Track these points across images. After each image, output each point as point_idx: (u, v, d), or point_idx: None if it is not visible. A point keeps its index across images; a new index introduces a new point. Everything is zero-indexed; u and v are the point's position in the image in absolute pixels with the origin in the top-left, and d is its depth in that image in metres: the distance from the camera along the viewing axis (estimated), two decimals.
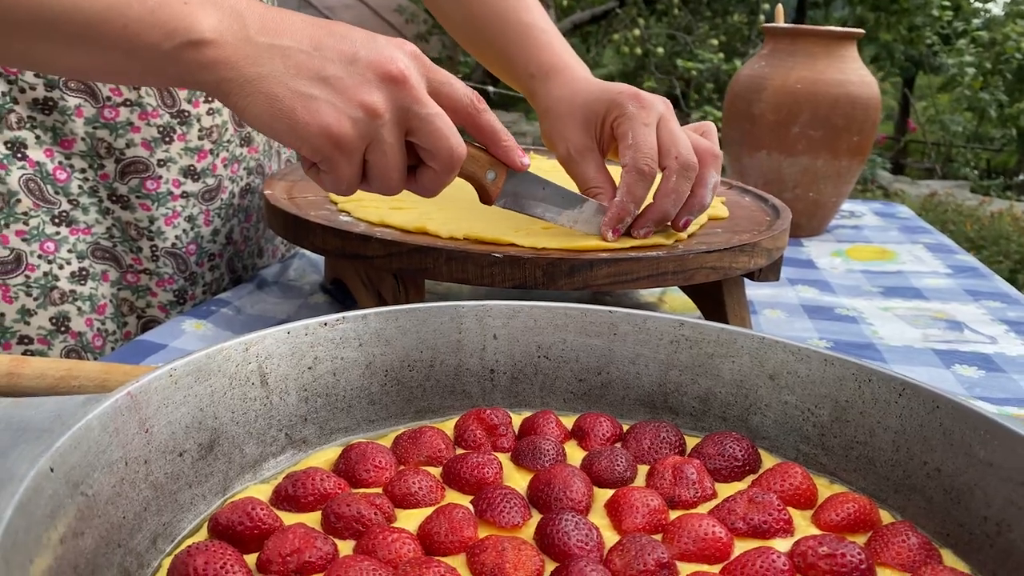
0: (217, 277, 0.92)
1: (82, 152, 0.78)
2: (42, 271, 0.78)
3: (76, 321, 0.80)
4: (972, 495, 0.44)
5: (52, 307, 0.79)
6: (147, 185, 0.82)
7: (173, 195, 0.84)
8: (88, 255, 0.81)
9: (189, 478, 0.44)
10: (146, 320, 0.86)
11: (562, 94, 0.77)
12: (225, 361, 0.47)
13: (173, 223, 0.84)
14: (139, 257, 0.84)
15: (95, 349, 0.82)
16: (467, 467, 0.48)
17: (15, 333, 0.78)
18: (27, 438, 0.37)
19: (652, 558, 0.41)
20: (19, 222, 0.76)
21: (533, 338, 0.57)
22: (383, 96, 0.55)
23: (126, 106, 0.79)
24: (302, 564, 0.40)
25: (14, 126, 0.76)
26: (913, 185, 5.42)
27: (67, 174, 0.79)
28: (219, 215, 0.89)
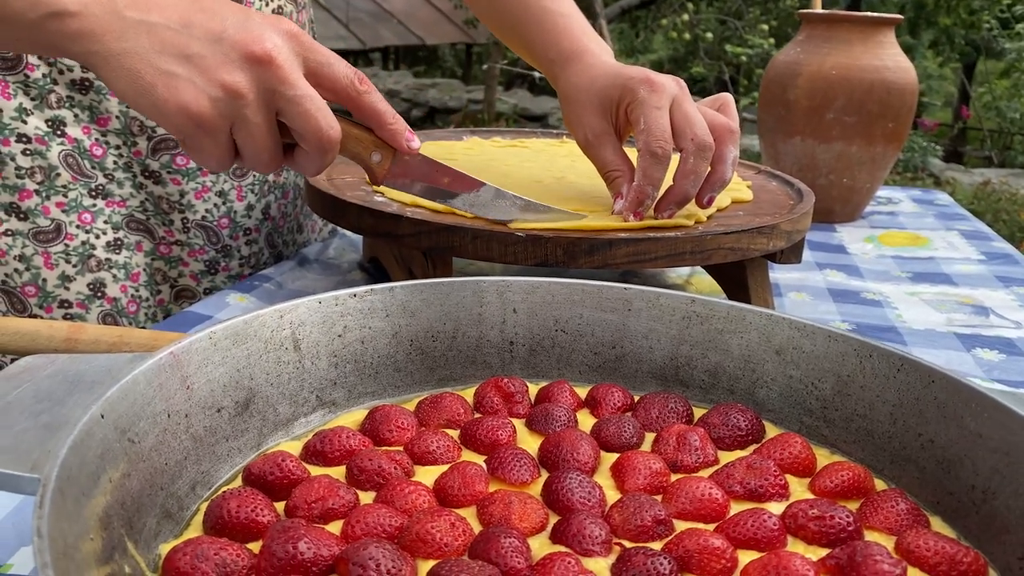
0: (256, 251, 0.96)
1: (116, 130, 0.83)
2: (80, 240, 0.83)
3: (112, 287, 0.86)
4: (962, 465, 0.46)
5: (89, 274, 0.84)
6: (177, 161, 0.86)
7: (203, 170, 0.88)
8: (123, 226, 0.86)
9: (226, 432, 0.48)
10: (179, 288, 0.92)
11: (580, 80, 0.79)
12: (261, 327, 0.51)
13: (203, 197, 0.89)
14: (171, 229, 0.89)
15: (129, 314, 0.88)
16: (483, 429, 0.51)
17: (56, 298, 0.84)
18: (81, 389, 0.41)
19: (650, 515, 0.44)
20: (59, 194, 0.82)
21: (551, 312, 0.60)
22: (246, 76, 0.54)
23: None
24: (325, 510, 0.43)
25: (54, 105, 0.81)
26: (966, 173, 5.30)
27: (103, 150, 0.83)
28: (252, 191, 0.93)
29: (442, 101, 9.13)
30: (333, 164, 0.93)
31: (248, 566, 0.39)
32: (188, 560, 0.38)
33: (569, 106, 0.80)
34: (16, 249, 0.82)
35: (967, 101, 8.81)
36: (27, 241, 0.82)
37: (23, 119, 0.80)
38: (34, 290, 0.83)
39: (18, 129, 0.80)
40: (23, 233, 0.82)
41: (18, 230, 0.81)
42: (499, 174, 0.90)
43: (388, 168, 0.66)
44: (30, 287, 0.83)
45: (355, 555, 0.38)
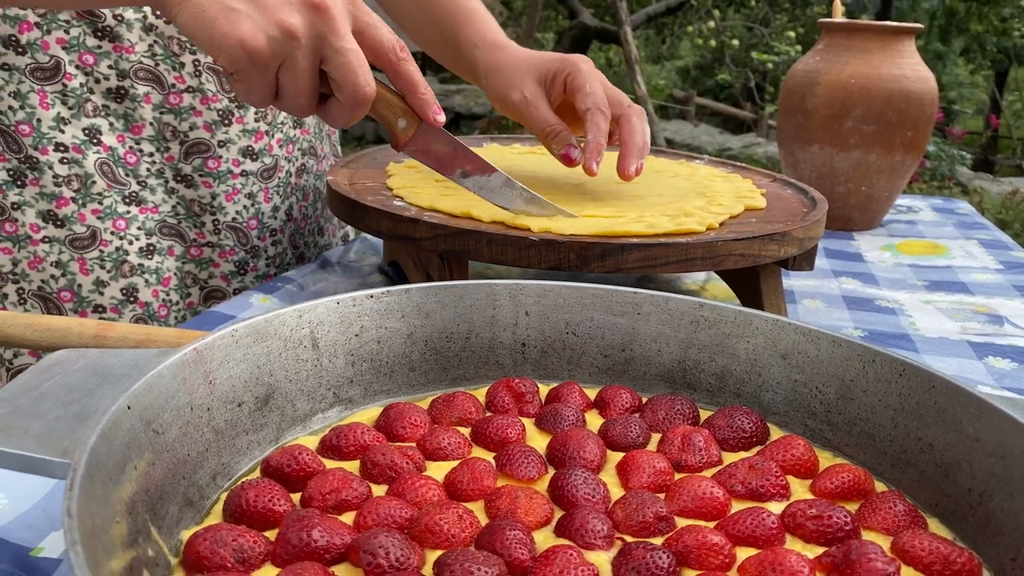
0: (280, 251, 0.99)
1: (150, 136, 0.86)
2: (114, 246, 0.86)
3: (144, 292, 0.89)
4: (960, 468, 0.47)
5: (123, 279, 0.87)
6: (208, 164, 0.89)
7: (233, 173, 0.91)
8: (156, 232, 0.89)
9: (246, 426, 0.50)
10: (208, 290, 0.94)
11: (511, 59, 0.88)
12: (281, 325, 0.53)
13: (233, 199, 0.92)
14: (202, 231, 0.92)
15: (160, 318, 0.91)
16: (493, 427, 0.53)
17: (91, 302, 0.86)
18: (109, 381, 0.43)
19: (652, 511, 0.45)
20: (94, 202, 0.85)
21: (562, 315, 0.62)
22: (302, 20, 0.58)
23: (189, 92, 0.87)
24: (339, 501, 0.45)
25: (90, 114, 0.83)
26: (995, 182, 5.24)
27: (136, 157, 0.86)
28: (278, 193, 0.97)
29: (468, 107, 9.17)
30: (354, 170, 0.96)
31: (264, 552, 0.41)
32: (208, 545, 0.40)
33: (500, 75, 0.87)
34: (53, 255, 0.84)
35: (998, 109, 8.71)
36: (63, 248, 0.85)
37: (61, 128, 0.82)
38: (69, 295, 0.86)
39: (56, 138, 0.82)
40: (60, 240, 0.84)
41: (55, 237, 0.84)
42: (516, 178, 0.91)
43: (412, 136, 0.69)
44: (66, 292, 0.86)
45: (366, 543, 0.40)
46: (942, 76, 9.89)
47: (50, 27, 0.80)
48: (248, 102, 0.63)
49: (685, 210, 0.81)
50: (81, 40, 0.81)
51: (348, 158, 1.00)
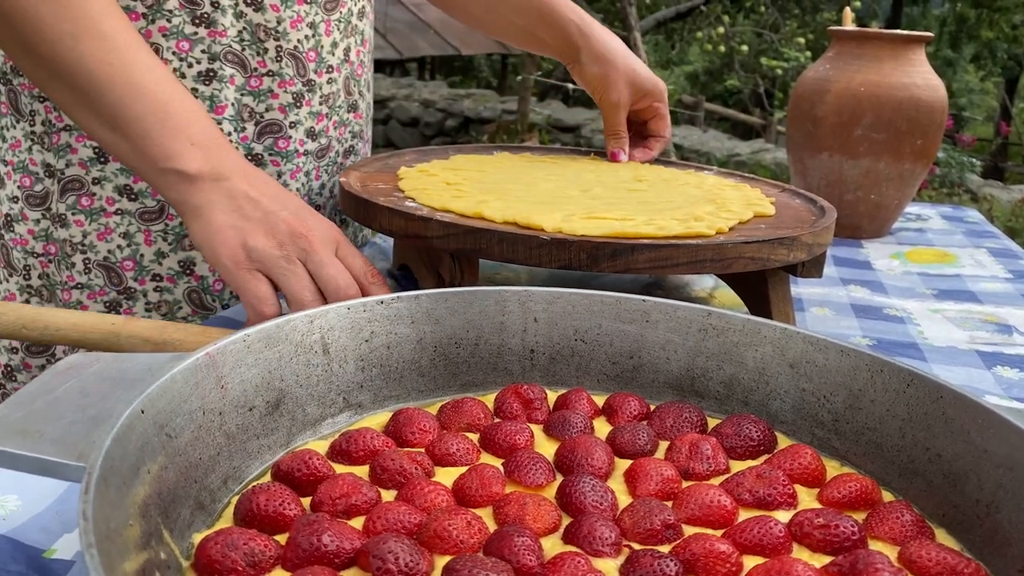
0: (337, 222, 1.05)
1: (230, 117, 0.90)
2: (178, 220, 0.90)
3: (200, 266, 0.92)
4: (967, 479, 0.47)
5: (182, 252, 0.91)
6: (279, 144, 0.94)
7: (298, 153, 0.96)
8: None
9: (257, 430, 0.51)
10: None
11: (613, 46, 1.05)
12: (292, 331, 0.54)
13: (296, 177, 0.97)
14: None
15: (215, 292, 0.94)
16: (501, 433, 0.53)
17: (150, 271, 0.91)
18: (123, 386, 0.44)
19: (659, 519, 0.45)
20: None
21: (571, 322, 0.62)
22: (281, 244, 0.70)
23: (268, 76, 0.91)
24: (349, 506, 0.46)
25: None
26: (1005, 190, 5.22)
27: None
28: (326, 171, 1.01)
29: (476, 111, 9.19)
30: (366, 173, 0.97)
31: (275, 556, 0.41)
32: (219, 549, 0.40)
33: (608, 66, 1.04)
34: (122, 227, 0.89)
35: (1009, 116, 8.68)
36: (132, 220, 0.89)
37: None
38: (131, 264, 0.90)
39: None
40: (131, 212, 0.89)
41: (127, 210, 0.89)
42: (526, 186, 0.92)
43: None
44: (128, 262, 0.90)
45: (375, 548, 0.40)
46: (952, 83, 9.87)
47: (155, 17, 0.85)
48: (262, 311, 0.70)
49: (695, 215, 0.81)
50: (180, 28, 0.86)
51: (359, 162, 1.00)
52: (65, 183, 0.89)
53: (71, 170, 0.88)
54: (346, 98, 1.01)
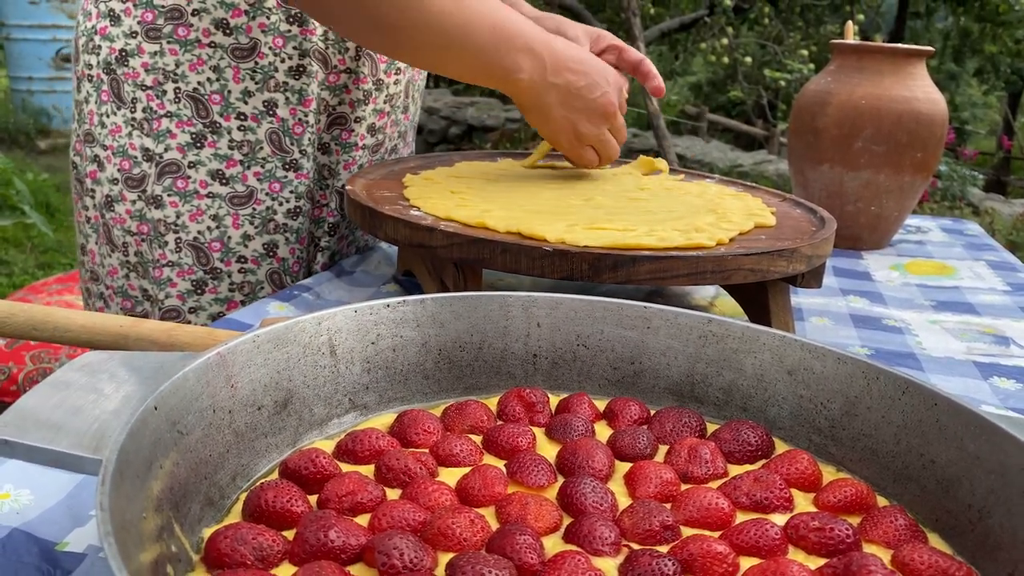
0: None
1: (315, 110, 0.99)
2: (266, 205, 0.98)
3: (282, 249, 1.01)
4: (960, 485, 0.48)
5: (267, 235, 0.99)
6: (343, 136, 1.03)
7: (357, 146, 1.05)
8: (304, 195, 1.01)
9: (265, 429, 0.52)
10: (321, 249, 1.06)
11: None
12: (300, 332, 0.55)
13: (349, 168, 1.06)
14: (325, 194, 1.05)
15: (293, 273, 1.01)
16: (504, 435, 0.54)
17: (236, 253, 0.97)
18: (137, 383, 0.45)
19: (658, 520, 0.46)
20: (258, 165, 0.97)
21: (573, 328, 0.63)
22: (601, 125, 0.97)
23: (345, 72, 0.99)
24: (355, 504, 0.47)
25: (272, 88, 0.96)
26: (1007, 204, 5.23)
27: (303, 128, 0.98)
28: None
29: (480, 120, 9.21)
30: (371, 180, 0.98)
31: (283, 551, 0.42)
32: (228, 543, 0.41)
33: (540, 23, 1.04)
34: (212, 210, 0.96)
35: (1011, 130, 8.70)
36: (223, 203, 0.96)
37: (245, 100, 0.95)
38: (219, 246, 0.96)
39: (239, 108, 0.95)
40: (222, 196, 0.96)
41: (218, 193, 0.96)
42: (529, 195, 0.93)
43: None
44: (216, 243, 0.97)
45: (381, 544, 0.41)
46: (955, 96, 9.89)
47: (255, 14, 0.92)
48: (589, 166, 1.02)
49: (696, 225, 0.82)
50: (276, 24, 0.93)
51: (365, 169, 1.02)
52: (163, 166, 0.95)
53: (169, 154, 0.95)
54: (404, 100, 1.10)
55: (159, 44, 0.93)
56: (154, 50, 0.94)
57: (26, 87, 7.17)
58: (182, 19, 0.93)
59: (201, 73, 0.94)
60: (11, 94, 7.56)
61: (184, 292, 0.98)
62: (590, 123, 0.92)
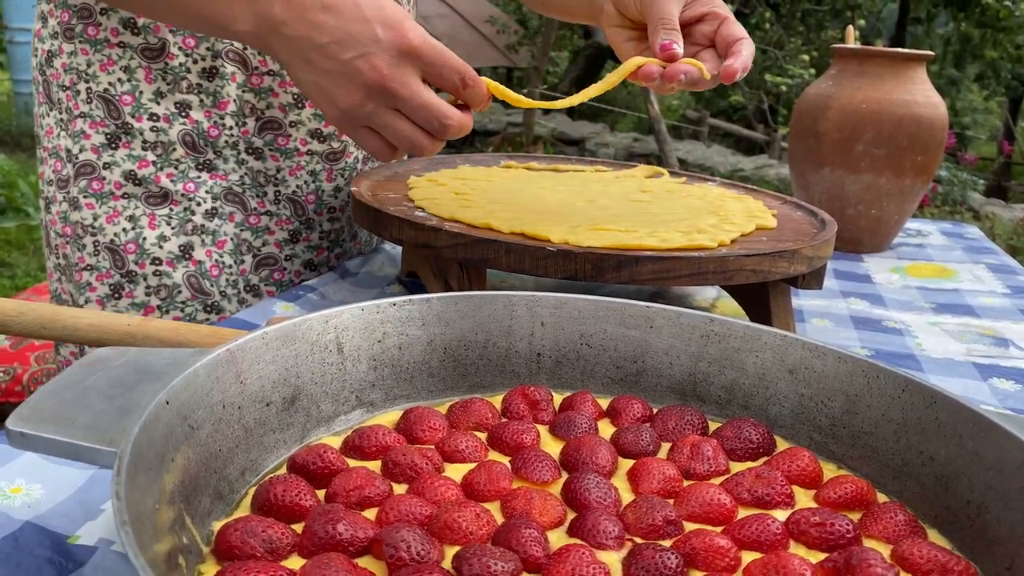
0: (336, 228, 1.06)
1: (232, 112, 0.94)
2: (183, 206, 0.95)
3: (199, 251, 0.96)
4: (959, 481, 0.49)
5: (184, 236, 0.95)
6: (279, 141, 0.97)
7: (299, 151, 0.99)
8: (221, 197, 0.97)
9: (273, 425, 0.52)
10: (261, 257, 1.01)
11: None
12: (308, 330, 0.55)
13: (296, 174, 0.99)
14: (263, 201, 0.99)
15: (212, 277, 0.97)
16: (509, 432, 0.55)
17: (150, 255, 0.94)
18: (149, 378, 0.46)
19: (661, 515, 0.47)
20: (171, 166, 0.94)
21: (577, 327, 0.64)
22: (363, 97, 0.69)
23: (269, 75, 0.95)
24: (362, 498, 0.47)
25: (184, 90, 0.92)
26: (1007, 208, 5.24)
27: (218, 131, 0.94)
28: (342, 175, 1.03)
29: (482, 123, 9.23)
30: (376, 181, 0.99)
31: (292, 544, 0.43)
32: (239, 535, 0.42)
33: None
34: (128, 211, 0.93)
35: (1012, 136, 8.71)
36: (139, 203, 0.93)
37: (157, 101, 0.92)
38: (134, 247, 0.94)
39: (151, 109, 0.92)
40: (137, 196, 0.93)
41: (133, 194, 0.93)
42: (533, 197, 0.94)
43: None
44: (131, 244, 0.94)
45: (388, 537, 0.42)
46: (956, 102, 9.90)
47: None
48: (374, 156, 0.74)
49: (698, 227, 0.83)
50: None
51: (370, 170, 1.03)
52: (79, 167, 0.93)
53: (84, 155, 0.93)
54: None
55: (73, 44, 0.92)
56: (70, 50, 0.92)
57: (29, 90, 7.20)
58: (91, 18, 0.91)
59: (112, 73, 0.92)
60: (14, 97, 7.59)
61: (103, 296, 0.95)
62: (349, 95, 0.67)
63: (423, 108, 0.68)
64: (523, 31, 9.69)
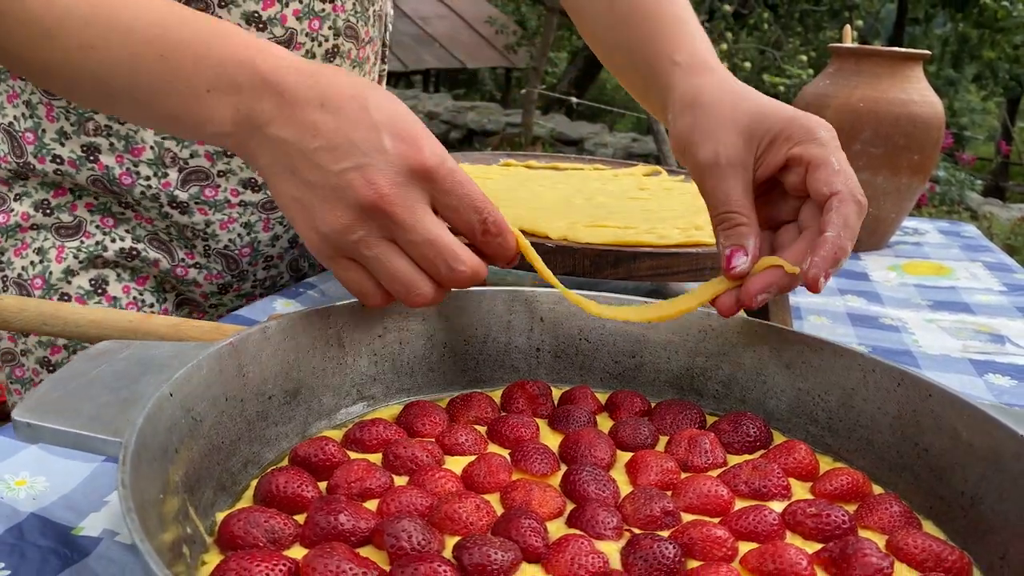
0: (273, 275, 0.98)
1: (149, 160, 0.83)
2: (95, 239, 0.86)
3: (114, 287, 0.88)
4: (953, 472, 0.50)
5: (94, 270, 0.87)
6: (206, 193, 0.86)
7: (230, 203, 0.87)
8: (143, 240, 0.88)
9: (275, 418, 0.53)
10: (183, 298, 0.94)
11: (717, 95, 0.63)
12: (309, 324, 0.56)
13: (228, 227, 0.89)
14: (192, 253, 0.90)
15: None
16: (508, 426, 0.56)
17: (57, 290, 0.86)
18: (152, 370, 0.46)
19: (659, 506, 0.48)
20: (89, 196, 0.86)
21: (575, 323, 0.64)
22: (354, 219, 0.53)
23: None
24: (363, 490, 0.48)
25: (91, 132, 0.82)
26: (1005, 208, 5.26)
27: (132, 179, 0.84)
28: (280, 223, 0.93)
29: (480, 124, 9.24)
30: None
31: (294, 534, 0.43)
32: (241, 525, 0.42)
33: (698, 114, 0.63)
34: (37, 242, 0.86)
35: (1010, 136, 8.72)
36: (48, 234, 0.86)
37: (61, 142, 0.83)
38: (40, 282, 0.86)
39: (55, 150, 0.83)
40: (46, 227, 0.86)
41: (43, 224, 0.86)
42: (532, 194, 0.94)
43: None
44: (38, 279, 0.86)
45: (390, 527, 0.43)
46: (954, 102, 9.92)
47: None
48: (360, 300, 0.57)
49: (696, 223, 0.84)
50: None
51: None
52: None
53: None
54: None
55: None
56: None
57: None
58: None
59: (16, 107, 0.83)
60: None
61: (14, 333, 0.87)
62: (334, 214, 0.51)
63: (427, 244, 0.52)
64: (522, 32, 9.71)
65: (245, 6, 0.79)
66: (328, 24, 0.84)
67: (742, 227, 0.59)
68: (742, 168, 0.60)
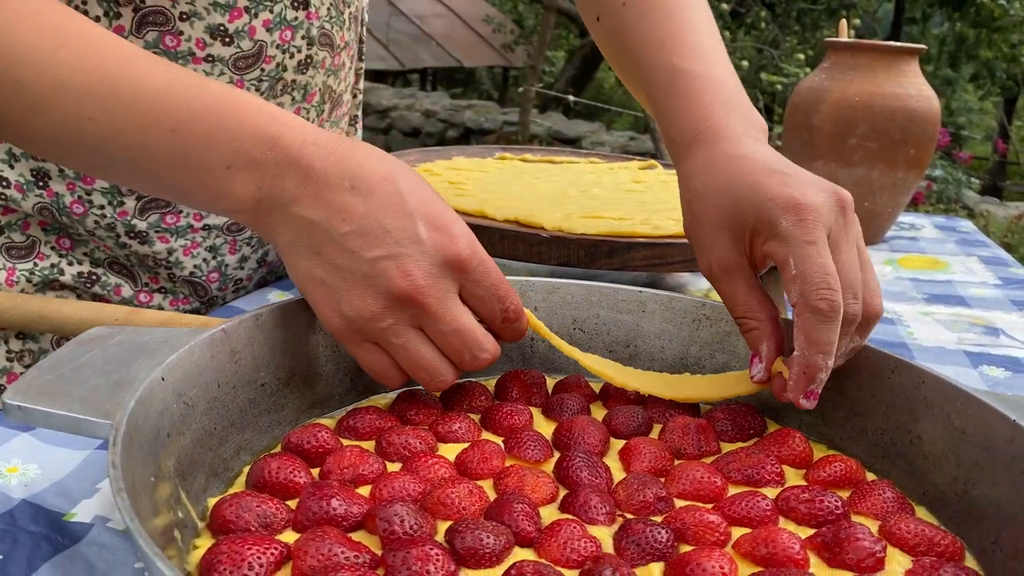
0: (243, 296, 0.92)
1: (103, 189, 0.77)
2: (50, 262, 0.79)
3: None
4: (946, 459, 0.50)
5: (51, 293, 0.80)
6: (166, 220, 0.80)
7: (193, 228, 0.82)
8: (103, 264, 0.82)
9: (268, 405, 0.53)
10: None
11: (706, 181, 0.60)
12: (303, 312, 0.56)
13: (192, 253, 0.83)
14: (156, 278, 0.84)
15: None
16: (501, 414, 0.56)
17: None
18: (144, 355, 0.46)
19: (652, 492, 0.48)
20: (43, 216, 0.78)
21: (569, 312, 0.64)
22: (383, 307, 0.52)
23: None
24: (356, 476, 0.48)
25: (39, 157, 0.75)
26: (1002, 207, 5.26)
27: (84, 208, 0.77)
28: (248, 244, 0.89)
29: (478, 122, 9.23)
30: None
31: (286, 519, 0.43)
32: (233, 510, 0.42)
33: (690, 215, 0.60)
34: None
35: (1007, 135, 8.73)
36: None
37: (11, 164, 0.75)
38: None
39: (2, 172, 0.75)
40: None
41: None
42: (527, 186, 0.94)
43: None
44: None
45: (382, 512, 0.43)
46: (951, 101, 9.93)
47: None
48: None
49: None
50: None
51: None
52: None
53: None
54: None
55: None
56: None
57: None
58: None
59: None
60: None
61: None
62: (363, 302, 0.51)
63: (455, 334, 0.52)
64: (519, 30, 9.70)
65: (209, 19, 0.72)
66: (301, 34, 0.78)
67: (754, 331, 0.57)
68: (738, 271, 0.58)
